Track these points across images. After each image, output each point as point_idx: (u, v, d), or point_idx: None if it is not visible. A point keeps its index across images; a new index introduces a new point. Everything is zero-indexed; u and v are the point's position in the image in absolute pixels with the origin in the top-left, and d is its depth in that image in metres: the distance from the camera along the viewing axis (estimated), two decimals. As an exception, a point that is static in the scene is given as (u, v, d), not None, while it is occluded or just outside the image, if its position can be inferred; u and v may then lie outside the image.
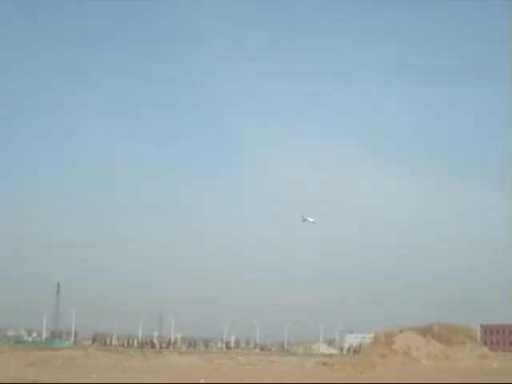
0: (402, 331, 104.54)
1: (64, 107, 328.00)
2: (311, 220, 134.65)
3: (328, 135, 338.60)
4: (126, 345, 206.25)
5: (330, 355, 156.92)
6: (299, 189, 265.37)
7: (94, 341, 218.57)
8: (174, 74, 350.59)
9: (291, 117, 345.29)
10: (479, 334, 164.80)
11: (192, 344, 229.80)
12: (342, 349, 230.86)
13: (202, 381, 45.77)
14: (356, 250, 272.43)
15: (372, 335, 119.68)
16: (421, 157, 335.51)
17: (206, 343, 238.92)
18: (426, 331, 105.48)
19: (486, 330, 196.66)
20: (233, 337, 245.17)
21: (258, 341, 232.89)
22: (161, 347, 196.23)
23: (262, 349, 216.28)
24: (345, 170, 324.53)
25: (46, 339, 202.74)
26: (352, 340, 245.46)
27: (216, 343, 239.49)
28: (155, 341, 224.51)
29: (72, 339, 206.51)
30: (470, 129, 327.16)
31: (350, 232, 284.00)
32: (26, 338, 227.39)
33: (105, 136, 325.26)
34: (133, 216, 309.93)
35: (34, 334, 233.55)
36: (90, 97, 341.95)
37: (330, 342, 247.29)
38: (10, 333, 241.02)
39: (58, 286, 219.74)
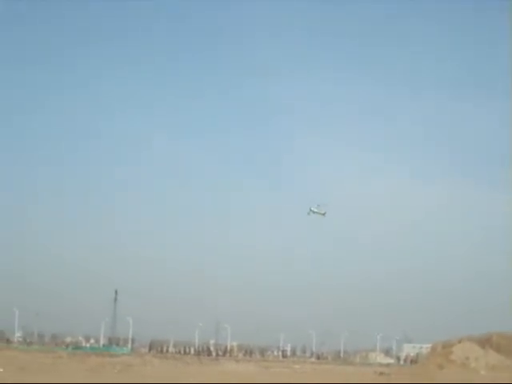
0: (460, 341, 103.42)
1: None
2: (321, 212, 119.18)
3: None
4: (182, 352, 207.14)
5: (387, 365, 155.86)
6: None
7: (150, 348, 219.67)
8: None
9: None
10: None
11: (248, 352, 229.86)
12: (398, 358, 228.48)
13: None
14: (411, 257, 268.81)
15: (430, 345, 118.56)
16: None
17: (262, 351, 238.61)
18: (484, 341, 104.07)
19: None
20: (289, 345, 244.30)
21: (314, 349, 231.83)
22: (217, 355, 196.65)
23: (318, 357, 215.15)
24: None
25: (103, 345, 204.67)
26: (409, 350, 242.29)
27: (272, 351, 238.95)
28: (211, 348, 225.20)
29: (129, 346, 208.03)
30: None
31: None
32: (83, 344, 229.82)
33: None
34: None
35: (92, 341, 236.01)
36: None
37: (387, 352, 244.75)
38: (68, 339, 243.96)
39: (116, 293, 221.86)
